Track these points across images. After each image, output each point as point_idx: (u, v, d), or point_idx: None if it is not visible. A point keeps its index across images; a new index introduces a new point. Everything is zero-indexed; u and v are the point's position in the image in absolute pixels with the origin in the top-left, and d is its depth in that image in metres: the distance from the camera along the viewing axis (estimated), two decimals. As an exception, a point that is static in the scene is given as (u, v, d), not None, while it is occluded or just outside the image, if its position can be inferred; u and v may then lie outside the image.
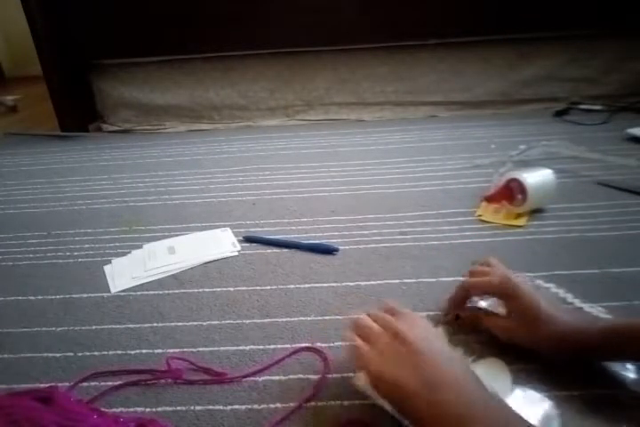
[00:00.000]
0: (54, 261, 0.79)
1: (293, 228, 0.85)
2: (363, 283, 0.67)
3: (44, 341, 0.60)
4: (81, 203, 1.01)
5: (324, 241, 0.78)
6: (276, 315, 0.62)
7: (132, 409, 0.49)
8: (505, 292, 0.51)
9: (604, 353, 0.47)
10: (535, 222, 0.80)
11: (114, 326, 0.62)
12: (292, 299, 0.65)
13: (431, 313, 0.60)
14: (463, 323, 0.56)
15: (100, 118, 1.62)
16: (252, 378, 0.52)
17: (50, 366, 0.56)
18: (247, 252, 0.78)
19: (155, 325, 0.62)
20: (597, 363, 0.49)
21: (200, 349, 0.57)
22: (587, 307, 0.58)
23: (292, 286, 0.68)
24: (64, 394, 0.47)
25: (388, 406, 0.43)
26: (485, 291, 0.54)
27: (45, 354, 0.58)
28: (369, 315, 0.47)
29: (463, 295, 0.55)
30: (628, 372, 0.48)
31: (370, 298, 0.64)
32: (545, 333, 0.48)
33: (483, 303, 0.56)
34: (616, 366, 0.48)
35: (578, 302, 0.59)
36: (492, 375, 0.46)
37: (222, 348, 0.57)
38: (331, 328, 0.59)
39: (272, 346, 0.57)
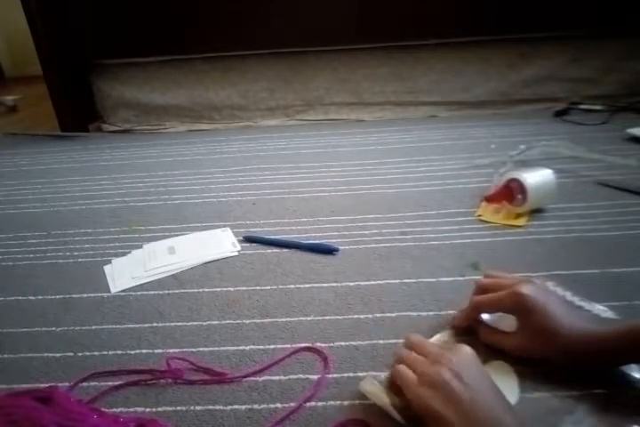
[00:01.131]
0: (54, 261, 0.79)
1: (293, 228, 0.85)
2: (363, 283, 0.67)
3: (44, 341, 0.60)
4: (81, 203, 1.01)
5: (324, 241, 0.78)
6: (275, 315, 0.62)
7: (132, 409, 0.49)
8: (516, 308, 0.49)
9: (628, 356, 0.46)
10: (535, 222, 0.80)
11: (114, 326, 0.62)
12: (292, 299, 0.65)
13: (431, 313, 0.60)
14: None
15: (100, 118, 1.62)
16: (252, 378, 0.52)
17: (50, 366, 0.56)
18: (247, 252, 0.78)
19: (155, 325, 0.62)
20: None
21: (200, 349, 0.57)
22: (586, 306, 0.58)
23: (292, 286, 0.68)
24: (64, 394, 0.47)
25: (397, 416, 0.43)
26: (496, 308, 0.53)
27: (45, 354, 0.58)
28: (418, 343, 0.47)
29: (474, 313, 0.54)
30: (633, 371, 0.47)
31: (370, 298, 0.64)
32: (562, 346, 0.46)
33: (486, 318, 0.54)
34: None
35: (577, 301, 0.59)
36: (498, 379, 0.46)
37: (222, 348, 0.57)
38: (331, 328, 0.59)
39: (272, 346, 0.57)
